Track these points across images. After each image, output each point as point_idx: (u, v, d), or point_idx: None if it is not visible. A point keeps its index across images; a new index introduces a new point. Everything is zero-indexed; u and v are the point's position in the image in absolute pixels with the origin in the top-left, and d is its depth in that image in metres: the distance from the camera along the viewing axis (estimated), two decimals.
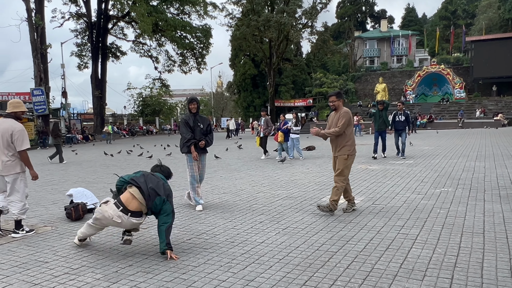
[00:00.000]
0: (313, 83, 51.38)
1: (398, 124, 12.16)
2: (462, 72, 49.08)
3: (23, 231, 5.13)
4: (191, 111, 6.24)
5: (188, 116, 6.28)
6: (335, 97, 5.73)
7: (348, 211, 5.74)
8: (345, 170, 5.62)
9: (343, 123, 5.53)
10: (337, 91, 5.91)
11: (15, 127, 5.03)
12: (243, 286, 3.37)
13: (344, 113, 5.59)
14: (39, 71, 27.40)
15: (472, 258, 3.78)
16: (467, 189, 6.97)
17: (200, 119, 6.29)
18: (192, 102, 6.24)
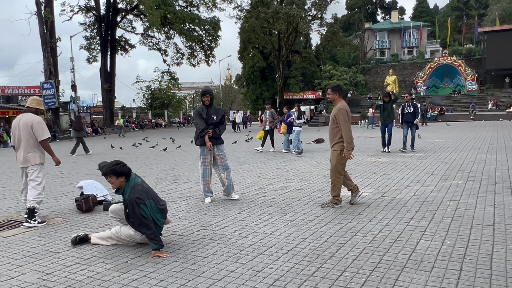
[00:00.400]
0: (323, 76, 51.02)
1: (407, 116, 11.79)
2: (474, 63, 48.32)
3: (35, 221, 5.22)
4: (204, 103, 6.22)
5: (201, 108, 6.26)
6: (331, 90, 5.69)
7: (354, 200, 5.72)
8: (338, 166, 5.59)
9: (342, 122, 5.44)
10: (336, 84, 5.83)
11: (34, 119, 5.36)
12: (251, 276, 3.39)
13: (338, 112, 5.50)
14: (48, 65, 27.65)
15: (482, 250, 3.75)
16: (478, 182, 6.90)
17: (214, 110, 6.24)
18: (205, 94, 6.19)
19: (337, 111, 5.53)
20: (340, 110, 5.51)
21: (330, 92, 5.68)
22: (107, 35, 36.47)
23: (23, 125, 5.32)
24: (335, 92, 5.66)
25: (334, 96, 5.66)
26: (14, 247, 4.40)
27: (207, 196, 6.33)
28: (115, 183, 4.07)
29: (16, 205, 6.55)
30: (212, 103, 6.28)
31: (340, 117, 5.47)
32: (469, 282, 3.11)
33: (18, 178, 9.50)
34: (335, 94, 5.65)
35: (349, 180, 5.82)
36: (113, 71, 37.83)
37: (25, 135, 5.31)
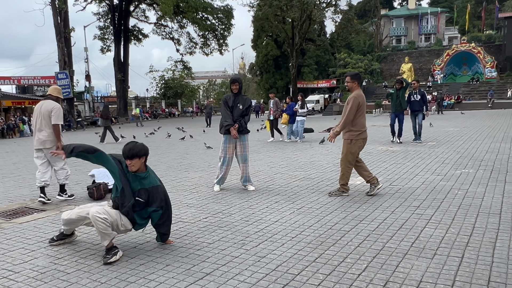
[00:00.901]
0: (337, 64, 50.53)
1: (414, 104, 11.26)
2: (493, 50, 47.18)
3: (66, 195, 6.10)
4: (233, 91, 6.17)
5: (229, 96, 6.23)
6: (350, 78, 5.64)
7: (373, 192, 5.53)
8: (348, 155, 5.53)
9: (349, 109, 5.42)
10: (354, 72, 5.78)
11: (54, 105, 6.00)
12: (254, 261, 3.47)
13: (352, 97, 5.46)
14: (63, 55, 28.01)
15: (485, 238, 3.75)
16: (489, 171, 6.83)
17: (241, 99, 6.19)
18: (234, 82, 6.17)
19: (351, 98, 5.49)
20: (353, 98, 5.46)
21: (349, 80, 5.62)
22: (120, 25, 36.72)
23: (44, 110, 5.91)
24: (354, 80, 5.61)
25: (353, 84, 5.60)
26: (28, 233, 4.56)
27: (218, 184, 6.36)
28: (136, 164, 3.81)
29: (31, 193, 6.75)
30: (241, 92, 6.23)
31: (351, 103, 5.43)
32: (469, 269, 3.13)
33: (34, 167, 9.78)
34: (354, 82, 5.60)
35: (366, 171, 5.68)
36: (127, 60, 38.14)
37: (45, 120, 5.89)
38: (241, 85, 6.22)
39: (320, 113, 42.38)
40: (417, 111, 11.23)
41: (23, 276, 3.37)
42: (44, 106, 5.96)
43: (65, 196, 6.09)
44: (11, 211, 5.55)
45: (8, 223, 4.98)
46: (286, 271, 3.26)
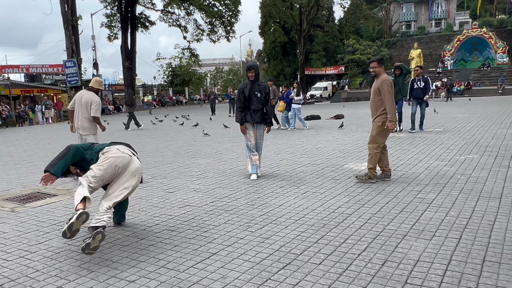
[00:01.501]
0: (346, 50, 50.14)
1: (417, 91, 10.61)
2: (506, 35, 46.41)
3: None
4: (249, 79, 6.06)
5: (245, 84, 6.12)
6: (376, 63, 5.58)
7: (378, 180, 5.61)
8: (378, 138, 5.52)
9: (387, 93, 5.39)
10: (379, 57, 5.77)
11: (94, 99, 6.57)
12: (259, 242, 3.61)
13: (383, 83, 5.45)
14: (70, 43, 28.13)
15: (484, 221, 3.85)
16: (493, 156, 6.88)
17: (259, 87, 6.05)
18: (250, 69, 6.05)
19: (381, 82, 5.47)
20: (384, 81, 5.46)
21: (376, 65, 5.58)
22: (127, 12, 36.65)
23: (84, 102, 6.52)
24: (381, 64, 5.60)
25: (380, 69, 5.58)
26: (41, 216, 4.75)
27: (253, 173, 6.20)
28: None
29: None
30: (258, 79, 6.11)
31: (385, 87, 5.42)
32: (466, 249, 3.24)
33: (44, 154, 10.03)
34: (381, 67, 5.59)
35: (386, 160, 5.71)
36: (134, 48, 38.15)
37: (83, 110, 6.52)
38: (257, 72, 6.09)
39: (328, 100, 42.25)
40: (420, 99, 10.69)
41: (39, 256, 3.56)
42: (84, 97, 6.54)
43: None
44: (24, 196, 5.76)
45: (22, 207, 5.18)
46: (289, 251, 3.40)
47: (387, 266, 3.04)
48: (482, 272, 2.87)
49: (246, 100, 6.05)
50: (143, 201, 5.17)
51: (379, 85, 5.50)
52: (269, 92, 6.22)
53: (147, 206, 4.93)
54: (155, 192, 5.63)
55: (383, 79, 5.48)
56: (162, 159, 8.33)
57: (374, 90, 5.60)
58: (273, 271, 3.06)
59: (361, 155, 7.76)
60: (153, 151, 9.47)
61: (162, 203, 5.03)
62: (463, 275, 2.84)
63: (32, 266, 3.34)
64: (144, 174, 6.67)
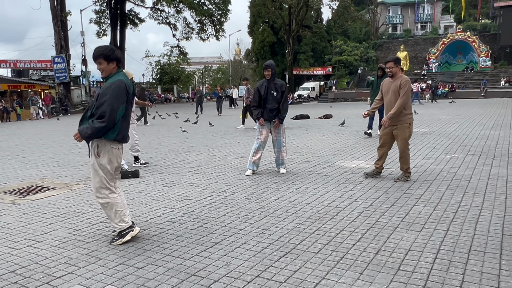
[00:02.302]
0: (333, 51, 50.62)
1: None
2: (488, 39, 47.46)
3: (138, 163, 7.22)
4: (266, 78, 6.15)
5: (261, 83, 6.21)
6: (393, 63, 5.50)
7: (369, 176, 5.78)
8: (408, 138, 5.59)
9: (405, 92, 5.37)
10: (396, 57, 5.69)
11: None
12: (258, 233, 3.79)
13: (406, 81, 5.42)
14: (59, 39, 27.91)
15: (470, 214, 4.10)
16: (477, 155, 7.18)
17: (275, 86, 6.13)
18: (266, 68, 6.11)
19: (405, 81, 5.41)
20: (407, 80, 5.43)
21: (393, 65, 5.49)
22: (116, 9, 36.44)
23: None
24: (398, 64, 5.53)
25: (397, 69, 5.52)
26: (43, 208, 4.85)
27: (249, 169, 6.34)
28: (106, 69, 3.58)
29: (40, 172, 7.02)
30: (274, 78, 6.17)
31: (408, 87, 5.40)
32: (453, 240, 3.47)
33: (37, 149, 10.03)
34: (397, 66, 5.53)
35: (385, 158, 5.82)
36: (123, 45, 37.96)
37: None
38: (274, 71, 6.13)
39: (315, 100, 42.65)
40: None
41: (47, 244, 3.67)
42: None
43: (138, 164, 7.22)
44: (23, 189, 5.83)
45: (22, 200, 5.26)
46: (288, 241, 3.58)
47: (381, 255, 3.25)
48: (469, 260, 3.10)
49: (262, 99, 6.16)
50: (142, 195, 5.29)
51: (401, 83, 5.42)
52: (286, 91, 6.29)
53: (146, 200, 5.06)
54: (153, 186, 5.76)
55: (405, 79, 5.47)
56: (156, 155, 8.45)
57: (395, 89, 5.48)
58: (274, 259, 3.24)
59: (351, 153, 8.00)
60: (146, 147, 9.56)
61: (161, 197, 5.17)
62: (451, 262, 3.07)
63: (41, 254, 3.46)
64: (140, 169, 6.80)
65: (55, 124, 19.63)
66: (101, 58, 3.54)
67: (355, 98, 36.05)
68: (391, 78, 5.60)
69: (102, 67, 3.57)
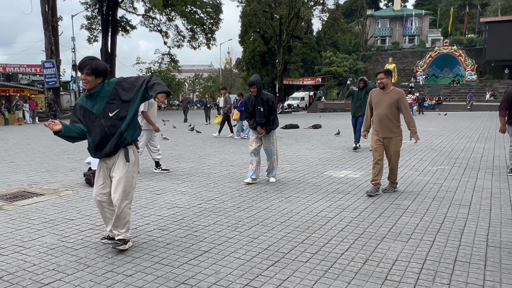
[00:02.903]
0: (323, 62, 51.11)
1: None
2: (474, 53, 48.44)
3: (160, 169, 7.40)
4: (252, 94, 6.18)
5: (249, 97, 6.26)
6: (384, 74, 5.45)
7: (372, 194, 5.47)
8: (399, 151, 5.60)
9: (406, 108, 5.43)
10: (386, 69, 5.69)
11: None
12: (248, 242, 3.81)
13: (403, 96, 5.41)
14: (50, 44, 27.73)
15: (455, 226, 4.18)
16: (463, 168, 7.32)
17: (261, 101, 6.11)
18: (251, 85, 6.09)
19: (402, 95, 5.41)
20: (403, 94, 5.44)
21: (383, 76, 5.43)
22: (108, 15, 36.41)
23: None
24: (388, 76, 5.47)
25: (388, 81, 5.46)
26: (31, 214, 4.80)
27: (248, 177, 6.35)
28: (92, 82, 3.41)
29: (28, 178, 6.95)
30: (260, 93, 6.15)
31: (405, 101, 5.42)
32: (439, 251, 3.54)
33: (25, 155, 9.93)
34: (388, 78, 5.46)
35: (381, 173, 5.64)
36: (114, 51, 37.88)
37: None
38: (259, 87, 6.13)
39: (305, 110, 42.94)
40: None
41: (34, 251, 3.64)
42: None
43: (159, 169, 7.41)
44: (10, 194, 5.76)
45: (10, 205, 5.21)
46: (277, 250, 3.61)
47: (368, 265, 3.30)
48: (454, 270, 3.17)
49: (251, 112, 6.24)
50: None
51: (400, 98, 5.38)
52: (274, 104, 6.24)
53: (135, 207, 5.04)
54: (143, 193, 5.75)
55: (401, 92, 5.45)
56: (146, 162, 8.42)
57: (390, 102, 5.39)
58: (263, 267, 3.27)
59: (339, 163, 8.08)
60: None
61: (151, 204, 5.17)
62: (437, 273, 3.13)
63: (29, 261, 3.43)
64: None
65: (44, 129, 19.41)
66: (89, 71, 3.36)
67: (344, 109, 36.35)
68: (382, 90, 5.50)
69: (89, 79, 3.38)
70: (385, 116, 5.44)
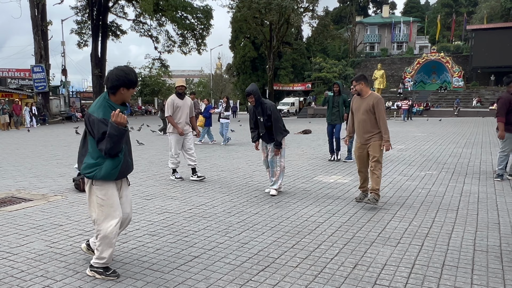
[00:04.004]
0: (313, 68, 51.41)
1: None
2: (461, 60, 49.20)
3: (196, 176, 7.09)
4: (251, 104, 5.90)
5: (250, 108, 5.99)
6: (355, 81, 5.29)
7: (361, 200, 5.40)
8: (380, 158, 5.22)
9: (381, 114, 5.08)
10: (358, 75, 5.37)
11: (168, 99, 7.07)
12: (238, 247, 3.82)
13: (379, 101, 5.10)
14: (39, 48, 27.50)
15: (443, 230, 4.24)
16: (450, 173, 7.42)
17: (261, 111, 5.80)
18: (248, 96, 5.77)
19: (376, 100, 5.10)
20: (379, 99, 5.13)
21: (355, 83, 5.26)
22: (98, 20, 36.19)
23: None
24: (360, 81, 5.20)
25: (361, 86, 5.21)
26: (19, 220, 4.75)
27: (270, 187, 6.07)
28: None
29: (16, 183, 6.87)
30: (259, 102, 5.80)
31: (381, 106, 5.11)
32: (427, 255, 3.59)
33: (14, 159, 9.82)
34: (360, 83, 5.20)
35: (367, 180, 5.43)
36: (104, 56, 37.62)
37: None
38: (257, 96, 5.77)
39: (295, 116, 43.10)
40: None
41: (22, 257, 3.60)
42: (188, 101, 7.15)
43: (173, 177, 7.17)
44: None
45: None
46: (267, 255, 3.63)
47: (358, 269, 3.33)
48: (442, 274, 3.21)
49: (254, 123, 6.01)
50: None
51: (374, 103, 5.10)
52: (272, 113, 5.79)
53: None
54: (133, 198, 5.70)
55: (377, 97, 5.16)
56: (136, 167, 8.35)
57: (367, 108, 5.17)
58: (253, 273, 3.28)
59: (329, 168, 8.13)
60: None
61: (141, 209, 5.15)
62: (426, 277, 3.17)
63: (17, 267, 3.39)
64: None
65: (32, 134, 19.20)
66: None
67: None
68: (360, 96, 5.32)
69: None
70: (363, 121, 5.25)
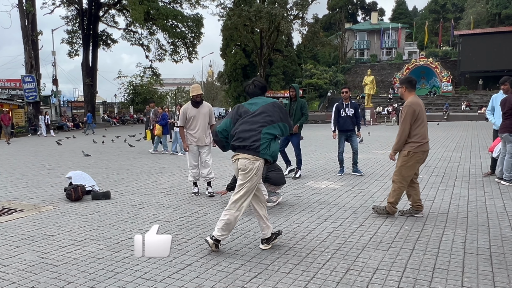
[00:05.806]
0: (303, 74, 51.77)
1: (345, 122, 7.82)
2: (449, 65, 49.87)
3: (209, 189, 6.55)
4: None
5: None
6: (399, 84, 5.12)
7: (406, 214, 4.98)
8: (403, 170, 4.78)
9: (403, 119, 4.80)
10: (405, 77, 5.12)
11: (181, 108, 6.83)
12: (230, 254, 3.83)
13: (406, 107, 4.81)
14: (30, 58, 27.36)
15: (434, 233, 4.29)
16: (440, 176, 7.51)
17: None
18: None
19: (403, 107, 4.88)
20: (405, 106, 4.83)
21: (399, 85, 5.12)
22: (89, 29, 36.15)
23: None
24: (402, 85, 4.97)
25: (402, 90, 4.97)
26: (10, 231, 4.71)
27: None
28: None
29: (6, 194, 6.81)
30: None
31: (405, 113, 4.80)
32: (419, 258, 3.62)
33: (4, 170, 9.72)
34: (402, 87, 4.97)
35: (417, 195, 4.97)
36: (95, 65, 37.53)
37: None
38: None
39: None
40: (349, 131, 7.91)
41: (13, 268, 3.57)
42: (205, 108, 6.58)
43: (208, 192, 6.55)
44: None
45: None
46: (260, 262, 3.64)
47: (350, 274, 3.35)
48: (433, 278, 3.24)
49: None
50: (113, 216, 5.23)
51: (402, 110, 4.91)
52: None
53: (117, 221, 5.00)
54: (125, 208, 5.70)
55: (406, 104, 4.87)
56: (128, 176, 8.35)
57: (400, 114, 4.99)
58: (246, 279, 3.28)
59: (321, 174, 8.17)
60: (118, 169, 9.44)
61: (133, 218, 5.13)
62: (417, 280, 3.20)
63: (8, 278, 3.36)
64: (111, 190, 6.72)
65: (23, 144, 19.03)
66: None
67: (325, 120, 36.79)
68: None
69: None
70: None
